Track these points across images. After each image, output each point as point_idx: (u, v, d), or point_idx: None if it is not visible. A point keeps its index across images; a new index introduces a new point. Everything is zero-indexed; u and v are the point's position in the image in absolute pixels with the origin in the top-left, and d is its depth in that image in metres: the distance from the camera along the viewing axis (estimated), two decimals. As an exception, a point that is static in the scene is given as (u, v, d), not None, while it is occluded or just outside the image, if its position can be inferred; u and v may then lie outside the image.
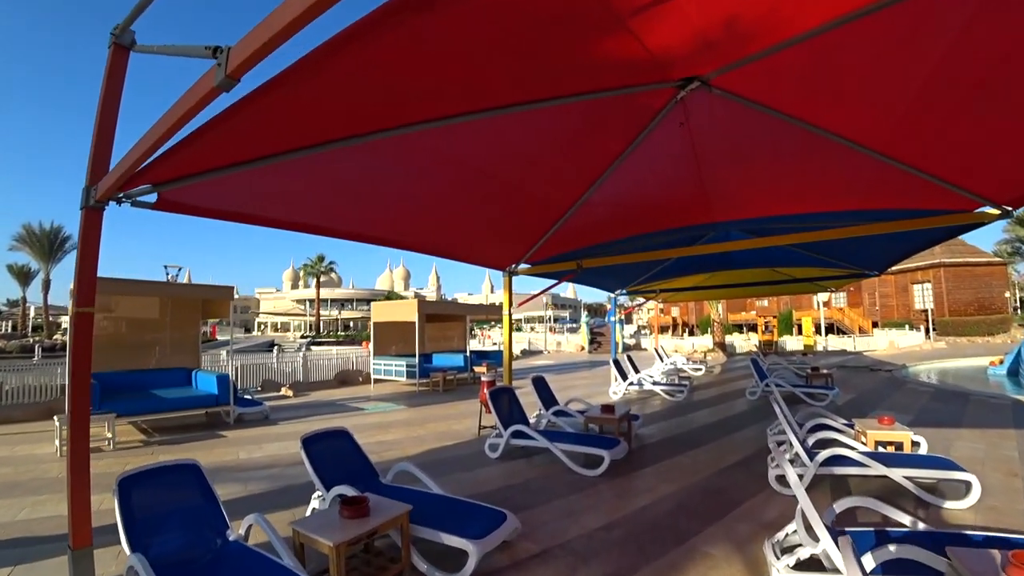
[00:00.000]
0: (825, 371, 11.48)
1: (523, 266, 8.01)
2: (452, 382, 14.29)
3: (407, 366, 14.28)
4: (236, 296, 11.41)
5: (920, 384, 12.65)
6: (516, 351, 28.95)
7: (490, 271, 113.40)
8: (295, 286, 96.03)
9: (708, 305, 25.97)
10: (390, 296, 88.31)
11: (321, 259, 47.57)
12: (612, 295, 12.81)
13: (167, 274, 18.97)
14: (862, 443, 5.84)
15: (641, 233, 7.01)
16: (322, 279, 49.04)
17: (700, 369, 16.55)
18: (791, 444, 5.32)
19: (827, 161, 4.50)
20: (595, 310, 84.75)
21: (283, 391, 14.06)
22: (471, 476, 6.03)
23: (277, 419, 10.07)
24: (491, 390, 7.30)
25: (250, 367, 15.43)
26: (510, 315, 8.19)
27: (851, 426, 6.38)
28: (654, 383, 11.80)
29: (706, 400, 11.11)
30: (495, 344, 35.79)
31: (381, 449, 7.34)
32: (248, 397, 11.35)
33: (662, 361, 17.08)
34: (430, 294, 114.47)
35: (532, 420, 8.10)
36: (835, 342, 27.16)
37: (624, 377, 11.70)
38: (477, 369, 15.30)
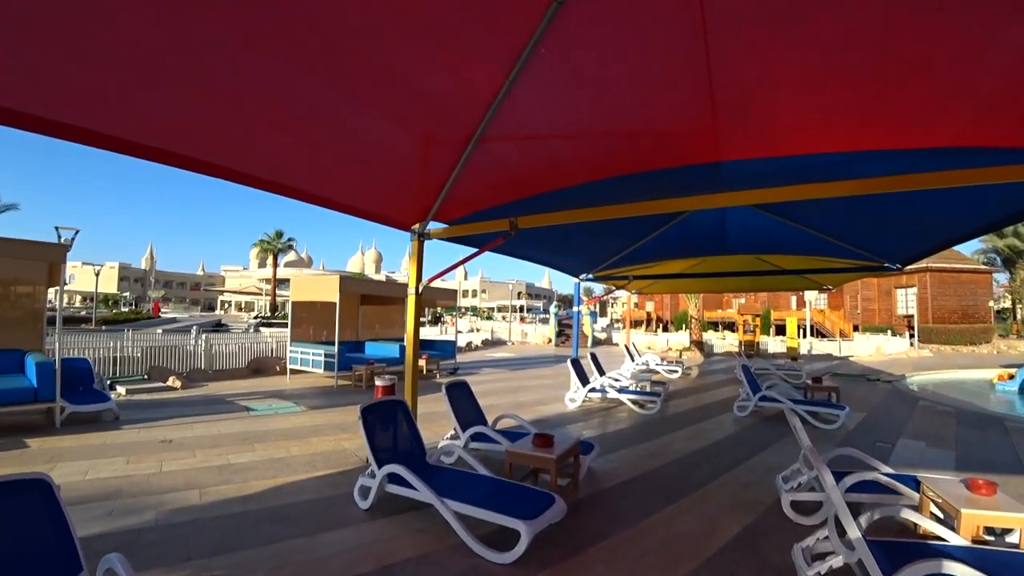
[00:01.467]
0: (827, 382, 9.32)
1: (435, 226, 5.61)
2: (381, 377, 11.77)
3: (325, 356, 11.75)
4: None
5: (935, 401, 10.61)
6: (477, 341, 26.57)
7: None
8: (262, 264, 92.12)
9: (686, 300, 23.92)
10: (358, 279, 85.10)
11: (279, 235, 44.19)
12: (577, 279, 10.49)
13: (59, 237, 16.10)
14: (932, 514, 3.62)
15: (604, 178, 4.63)
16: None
17: (676, 371, 14.38)
18: (834, 526, 3.05)
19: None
20: (569, 301, 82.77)
21: (170, 381, 11.44)
22: (307, 544, 3.64)
23: (127, 421, 7.57)
24: (375, 403, 4.89)
25: (153, 350, 12.85)
26: (418, 294, 5.76)
27: (906, 482, 4.12)
28: (621, 390, 9.52)
29: (684, 414, 8.85)
30: (460, 332, 33.32)
31: (204, 480, 4.91)
32: (99, 389, 8.70)
33: (632, 360, 14.85)
34: (402, 278, 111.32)
35: (444, 442, 5.77)
36: (819, 346, 25.38)
37: (584, 381, 9.38)
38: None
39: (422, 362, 12.85)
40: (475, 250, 5.83)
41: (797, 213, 6.56)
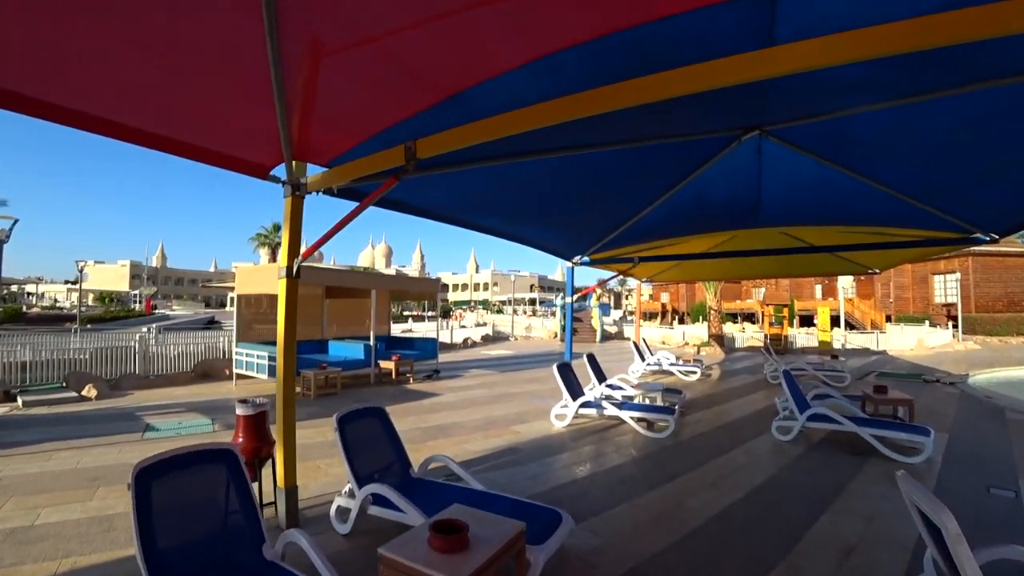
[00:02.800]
0: (896, 393, 7.09)
1: (315, 172, 3.61)
2: (335, 382, 9.80)
3: (269, 359, 9.79)
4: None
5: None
6: (477, 336, 24.53)
7: (475, 253, 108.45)
8: (273, 259, 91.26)
9: (703, 289, 21.52)
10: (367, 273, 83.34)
11: (277, 228, 42.38)
12: (569, 263, 8.37)
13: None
14: None
15: (558, 51, 2.51)
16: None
17: (694, 372, 12.17)
18: None
19: None
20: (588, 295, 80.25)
21: (86, 390, 9.59)
22: None
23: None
24: (352, 412, 3.17)
25: (102, 352, 11.10)
26: (292, 275, 3.73)
27: None
28: (622, 404, 7.39)
29: (706, 439, 6.69)
30: (464, 327, 31.28)
31: None
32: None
33: (643, 360, 12.68)
34: (413, 272, 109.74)
35: (338, 500, 3.78)
36: (852, 339, 22.89)
37: (576, 394, 7.28)
38: (384, 364, 10.85)
39: (390, 364, 10.85)
40: (356, 204, 3.71)
41: (870, 158, 4.41)
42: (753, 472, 5.15)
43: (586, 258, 8.27)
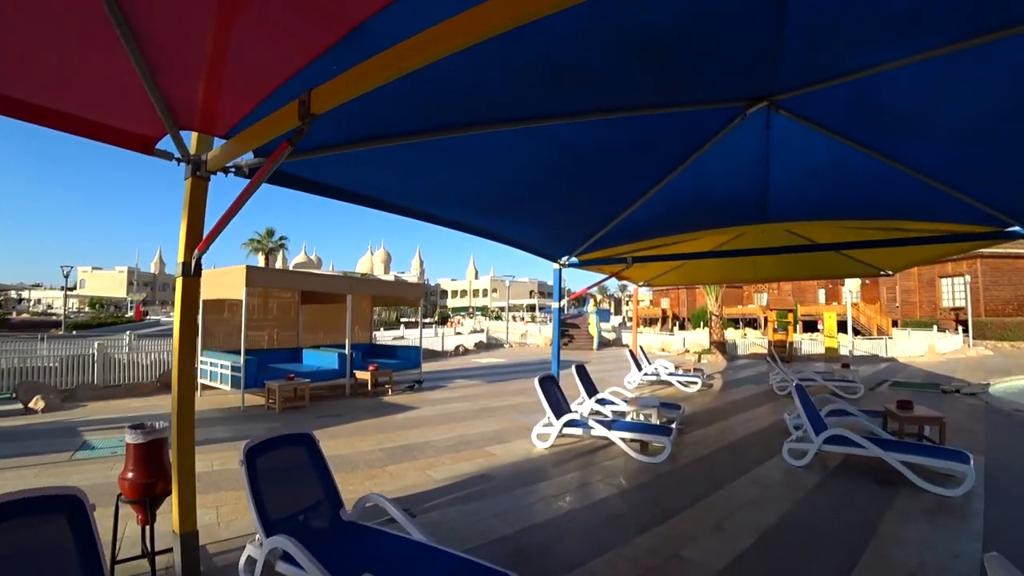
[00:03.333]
0: (924, 409, 6.28)
1: (216, 146, 2.90)
2: (303, 394, 9.01)
3: (232, 368, 9.02)
4: None
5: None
6: (470, 343, 23.73)
7: (474, 259, 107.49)
8: (267, 264, 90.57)
9: (704, 293, 20.69)
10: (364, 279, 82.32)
11: (270, 233, 41.50)
12: (556, 265, 7.61)
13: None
14: None
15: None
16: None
17: (695, 382, 11.36)
18: None
19: None
20: (581, 300, 79.01)
21: (33, 402, 8.84)
22: None
23: None
24: (268, 441, 2.51)
25: (72, 360, 10.45)
26: (191, 272, 2.97)
27: None
28: (612, 422, 6.61)
29: (708, 464, 5.89)
30: (459, 334, 30.38)
31: None
32: None
33: (639, 369, 11.89)
34: (412, 278, 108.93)
35: (249, 547, 2.99)
36: (862, 345, 22.07)
37: (559, 412, 6.48)
38: (360, 375, 10.09)
39: (366, 375, 10.06)
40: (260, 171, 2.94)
41: (899, 132, 3.67)
42: (764, 509, 4.35)
43: (574, 259, 7.51)
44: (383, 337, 24.37)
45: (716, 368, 16.41)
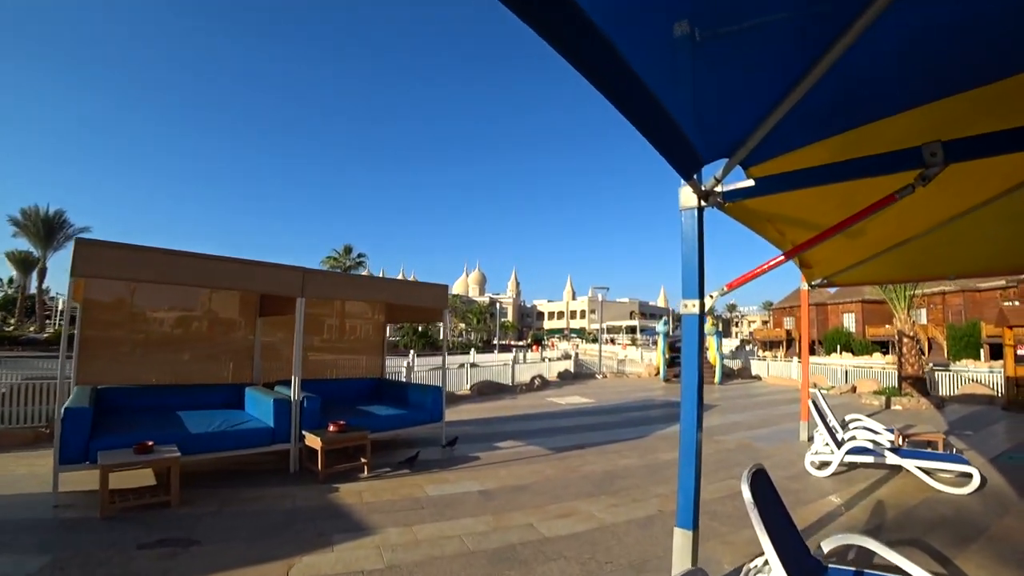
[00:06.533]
0: None
1: None
2: (164, 477, 4.68)
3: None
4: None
5: None
6: (552, 373, 18.83)
7: (571, 279, 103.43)
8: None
9: (892, 301, 13.74)
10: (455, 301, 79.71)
11: (348, 250, 39.44)
12: (689, 194, 2.78)
13: None
14: None
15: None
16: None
17: (966, 473, 5.65)
18: None
19: None
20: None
21: None
22: None
23: None
24: None
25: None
26: None
27: None
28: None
29: None
30: (545, 359, 25.28)
31: None
32: None
33: (830, 433, 6.39)
34: (507, 300, 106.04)
35: None
36: None
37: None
38: (310, 439, 5.71)
39: (316, 442, 5.57)
40: None
41: None
42: None
43: (717, 173, 2.60)
44: (453, 362, 20.15)
45: (924, 419, 10.23)
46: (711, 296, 3.01)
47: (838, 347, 46.13)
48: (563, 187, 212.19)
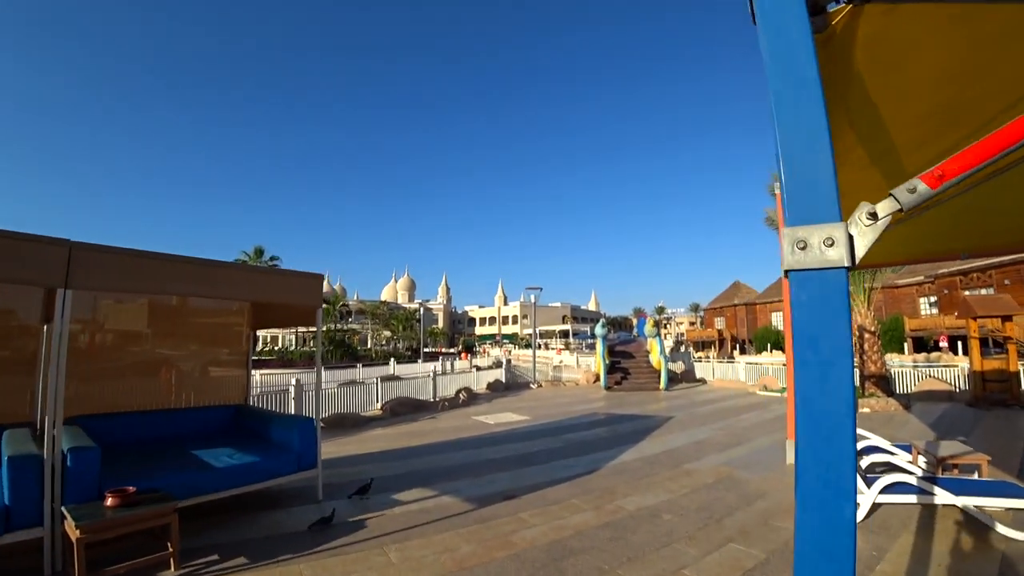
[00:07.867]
0: None
1: None
2: None
3: None
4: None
5: None
6: (481, 385, 16.79)
7: (503, 284, 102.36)
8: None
9: (851, 295, 12.86)
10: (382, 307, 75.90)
11: (259, 252, 35.58)
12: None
13: None
14: None
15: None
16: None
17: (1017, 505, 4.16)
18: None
19: None
20: (619, 324, 70.50)
21: None
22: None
23: None
24: None
25: None
26: None
27: None
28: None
29: None
30: (475, 368, 23.13)
31: None
32: None
33: (859, 472, 4.71)
34: (438, 307, 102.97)
35: None
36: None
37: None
38: (68, 525, 3.18)
39: (73, 530, 3.26)
40: None
41: None
42: None
43: None
44: (371, 374, 17.64)
45: (899, 423, 9.06)
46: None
47: (768, 345, 46.96)
48: (486, 189, 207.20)
